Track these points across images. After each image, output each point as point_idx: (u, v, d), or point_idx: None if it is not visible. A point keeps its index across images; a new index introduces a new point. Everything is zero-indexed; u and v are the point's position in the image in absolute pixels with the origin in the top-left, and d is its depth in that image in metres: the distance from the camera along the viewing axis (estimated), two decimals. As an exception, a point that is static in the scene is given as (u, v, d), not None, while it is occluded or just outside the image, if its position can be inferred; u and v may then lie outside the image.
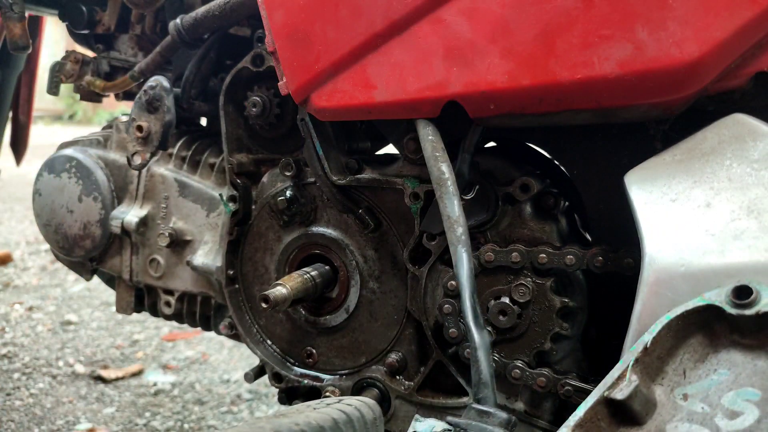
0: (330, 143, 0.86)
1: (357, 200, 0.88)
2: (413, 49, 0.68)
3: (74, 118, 11.48)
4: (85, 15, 1.14)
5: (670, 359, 0.50)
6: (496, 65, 0.63)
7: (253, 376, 1.01)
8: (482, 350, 0.61)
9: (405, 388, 0.88)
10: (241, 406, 1.84)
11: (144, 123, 0.95)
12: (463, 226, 0.66)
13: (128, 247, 1.12)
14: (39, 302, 2.61)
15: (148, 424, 1.71)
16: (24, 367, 2.02)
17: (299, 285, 0.86)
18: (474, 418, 0.58)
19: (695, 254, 0.54)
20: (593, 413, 0.49)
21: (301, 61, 0.75)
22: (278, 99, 0.92)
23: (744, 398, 0.45)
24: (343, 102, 0.73)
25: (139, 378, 1.99)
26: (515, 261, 0.75)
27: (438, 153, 0.70)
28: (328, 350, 0.95)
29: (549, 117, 0.64)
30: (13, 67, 1.52)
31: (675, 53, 0.55)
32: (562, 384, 0.74)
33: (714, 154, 0.58)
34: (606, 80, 0.58)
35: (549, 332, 0.75)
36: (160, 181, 1.09)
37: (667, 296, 0.54)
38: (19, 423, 1.67)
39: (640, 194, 0.59)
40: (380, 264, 0.89)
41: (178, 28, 0.93)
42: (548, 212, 0.80)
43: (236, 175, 0.96)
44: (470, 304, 0.63)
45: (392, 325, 0.89)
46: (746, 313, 0.46)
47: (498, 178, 0.79)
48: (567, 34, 0.59)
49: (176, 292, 1.11)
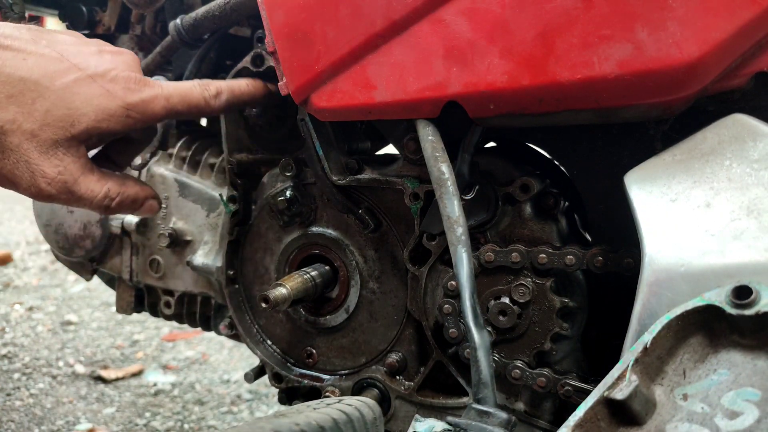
0: (330, 143, 0.86)
1: (357, 200, 0.88)
2: (413, 49, 0.68)
3: (74, 118, 11.43)
4: (85, 15, 1.14)
5: (670, 359, 0.50)
6: (496, 65, 0.63)
7: (253, 376, 1.01)
8: (482, 350, 0.61)
9: (405, 388, 0.88)
10: (241, 407, 1.84)
11: (144, 123, 0.95)
12: (463, 226, 0.66)
13: (128, 248, 1.12)
14: (39, 302, 2.61)
15: (148, 425, 1.71)
16: (24, 367, 2.02)
17: (299, 285, 0.86)
18: (474, 418, 0.58)
19: (695, 254, 0.54)
20: (593, 413, 0.49)
21: (301, 62, 0.75)
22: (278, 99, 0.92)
23: (744, 398, 0.45)
24: (343, 102, 0.73)
25: (139, 378, 1.99)
26: (515, 261, 0.75)
27: (438, 153, 0.70)
28: (328, 350, 0.95)
29: (549, 117, 0.64)
30: (13, 67, 1.52)
31: (675, 53, 0.55)
32: (562, 384, 0.74)
33: (714, 154, 0.58)
34: (606, 80, 0.58)
35: (549, 332, 0.75)
36: (160, 182, 1.09)
37: (667, 296, 0.54)
38: (19, 423, 1.67)
39: (640, 194, 0.60)
40: (380, 264, 0.89)
41: (178, 28, 0.93)
42: (548, 212, 0.80)
43: (236, 175, 0.96)
44: (470, 304, 0.63)
45: (392, 325, 0.89)
46: (746, 313, 0.46)
47: (498, 178, 0.79)
48: (567, 34, 0.59)
49: (176, 292, 1.11)
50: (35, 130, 0.68)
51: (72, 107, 0.69)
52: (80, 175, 0.71)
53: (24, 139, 0.68)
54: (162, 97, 0.74)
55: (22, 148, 0.68)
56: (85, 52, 0.72)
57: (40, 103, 0.68)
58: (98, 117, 0.70)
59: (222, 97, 0.80)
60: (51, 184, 0.70)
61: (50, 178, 0.69)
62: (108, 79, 0.71)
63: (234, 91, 0.82)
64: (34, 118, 0.67)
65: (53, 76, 0.68)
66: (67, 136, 0.69)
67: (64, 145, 0.69)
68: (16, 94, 0.67)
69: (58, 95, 0.68)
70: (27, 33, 0.70)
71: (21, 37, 0.69)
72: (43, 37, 0.71)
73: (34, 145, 0.68)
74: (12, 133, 0.67)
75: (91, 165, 0.73)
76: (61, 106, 0.68)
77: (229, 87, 0.82)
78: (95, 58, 0.72)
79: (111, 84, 0.71)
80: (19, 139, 0.67)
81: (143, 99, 0.72)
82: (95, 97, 0.70)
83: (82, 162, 0.72)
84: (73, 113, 0.69)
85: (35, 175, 0.69)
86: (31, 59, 0.68)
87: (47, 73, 0.68)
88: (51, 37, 0.72)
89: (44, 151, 0.69)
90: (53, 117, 0.68)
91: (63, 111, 0.68)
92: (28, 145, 0.68)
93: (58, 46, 0.71)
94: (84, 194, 0.72)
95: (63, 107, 0.68)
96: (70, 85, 0.69)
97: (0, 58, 0.66)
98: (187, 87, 0.77)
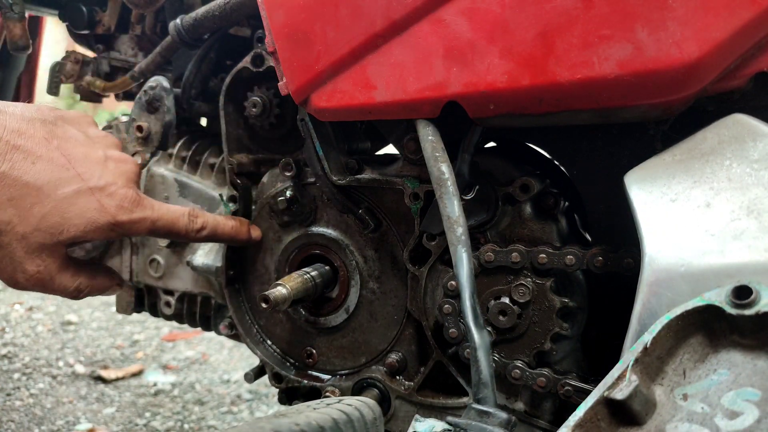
0: (330, 143, 0.86)
1: (357, 200, 0.88)
2: (413, 49, 0.68)
3: (74, 118, 11.43)
4: (85, 15, 1.14)
5: (670, 359, 0.50)
6: (496, 65, 0.63)
7: (253, 376, 1.01)
8: (482, 350, 0.61)
9: (405, 389, 0.88)
10: (241, 407, 1.84)
11: (144, 123, 0.95)
12: (463, 226, 0.66)
13: (128, 248, 1.12)
14: (39, 302, 2.61)
15: (148, 425, 1.72)
16: (24, 367, 2.02)
17: (299, 285, 0.86)
18: (474, 418, 0.58)
19: (695, 254, 0.54)
20: (593, 413, 0.49)
21: (301, 62, 0.75)
22: (278, 99, 0.92)
23: (744, 398, 0.45)
24: (343, 102, 0.73)
25: (139, 378, 1.99)
26: (515, 261, 0.75)
27: (438, 153, 0.70)
28: (328, 350, 0.95)
29: (549, 117, 0.64)
30: (13, 67, 1.52)
31: (675, 53, 0.55)
32: (562, 384, 0.74)
33: (714, 154, 0.58)
34: (606, 80, 0.58)
35: (549, 332, 0.75)
36: (160, 182, 1.09)
37: (667, 296, 0.54)
38: (19, 423, 1.67)
39: (640, 194, 0.60)
40: (380, 264, 0.89)
41: (178, 28, 0.93)
42: (548, 212, 0.80)
43: (236, 175, 0.96)
44: (470, 304, 0.63)
45: (392, 325, 0.89)
46: (746, 313, 0.46)
47: (498, 178, 0.79)
48: (567, 34, 0.59)
49: (176, 292, 1.11)
50: (27, 233, 0.71)
51: (66, 217, 0.73)
52: (57, 273, 0.76)
53: (14, 239, 0.71)
54: (149, 221, 0.79)
55: (11, 247, 0.72)
56: (92, 158, 0.76)
57: (38, 209, 0.71)
58: (86, 229, 0.74)
59: (203, 232, 0.86)
60: (29, 279, 0.74)
61: (29, 274, 0.74)
62: (106, 194, 0.75)
63: (217, 230, 0.88)
64: (28, 222, 0.71)
65: (57, 185, 0.72)
66: (54, 242, 0.73)
67: (48, 248, 0.73)
68: (17, 197, 0.70)
69: (56, 204, 0.72)
70: (41, 130, 0.74)
71: (34, 135, 0.73)
72: (55, 135, 0.75)
73: (22, 246, 0.72)
74: (5, 233, 0.71)
75: (68, 261, 0.77)
76: (56, 215, 0.72)
77: (214, 225, 0.87)
78: (99, 168, 0.76)
79: (107, 199, 0.75)
80: (10, 239, 0.71)
81: (132, 219, 0.77)
82: (89, 210, 0.74)
83: (61, 261, 0.76)
84: (65, 223, 0.73)
85: (16, 270, 0.73)
86: (39, 164, 0.72)
87: (51, 180, 0.72)
88: (63, 134, 0.76)
89: (29, 252, 0.72)
90: (46, 224, 0.72)
91: (57, 219, 0.72)
92: (16, 245, 0.72)
93: (68, 148, 0.75)
94: (56, 288, 0.77)
95: (58, 215, 0.72)
96: (70, 196, 0.73)
97: (10, 160, 0.70)
98: (176, 216, 0.82)
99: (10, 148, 0.70)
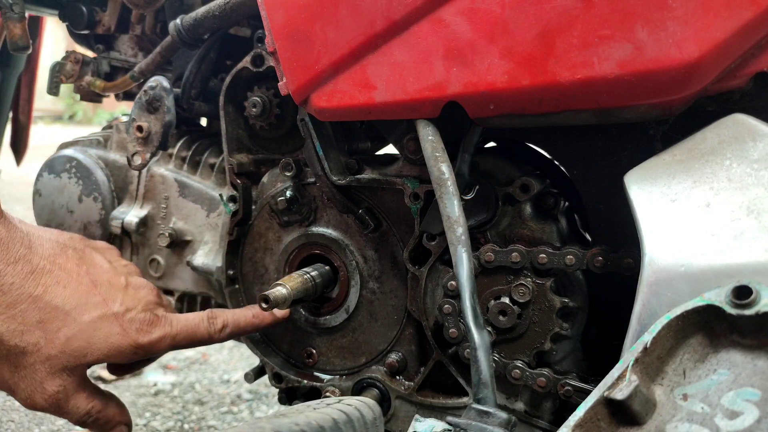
0: (330, 143, 0.86)
1: (357, 200, 0.88)
2: (413, 49, 0.68)
3: (74, 118, 11.49)
4: (85, 15, 1.14)
5: (670, 359, 0.50)
6: (496, 65, 0.63)
7: (253, 376, 1.01)
8: (482, 350, 0.61)
9: (405, 389, 0.88)
10: (241, 407, 1.84)
11: (144, 123, 0.95)
12: (463, 226, 0.66)
13: (128, 248, 1.12)
14: (39, 302, 2.60)
15: (148, 424, 1.71)
16: (24, 367, 2.02)
17: (299, 285, 0.86)
18: (474, 418, 0.58)
19: (695, 254, 0.54)
20: (593, 413, 0.49)
21: (301, 62, 0.75)
22: (278, 99, 0.92)
23: (744, 398, 0.45)
24: (343, 102, 0.73)
25: (139, 378, 1.99)
26: (515, 261, 0.75)
27: (438, 153, 0.70)
28: (328, 350, 0.95)
29: (549, 117, 0.64)
30: (13, 67, 1.52)
31: (675, 53, 0.55)
32: (562, 384, 0.74)
33: (714, 154, 0.58)
34: (606, 80, 0.58)
35: (549, 332, 0.75)
36: (160, 182, 1.09)
37: (667, 296, 0.54)
38: (19, 423, 1.67)
39: (639, 194, 0.60)
40: (380, 264, 0.89)
41: (178, 28, 0.93)
42: (548, 212, 0.80)
43: (236, 175, 0.96)
44: (470, 304, 0.63)
45: (392, 325, 0.89)
46: (746, 313, 0.46)
47: (498, 178, 0.79)
48: (566, 35, 0.59)
49: (176, 292, 1.11)
50: (52, 355, 0.74)
51: (90, 342, 0.76)
52: (74, 394, 0.78)
53: (39, 360, 0.74)
54: (169, 337, 0.82)
55: (34, 367, 0.74)
56: (115, 285, 0.81)
57: (64, 332, 0.74)
58: (109, 353, 0.77)
59: (226, 330, 0.87)
60: (47, 399, 0.76)
61: (48, 395, 0.76)
62: (127, 319, 0.79)
63: (240, 323, 0.89)
64: (54, 345, 0.74)
65: (83, 309, 0.76)
66: (77, 364, 0.76)
67: (70, 369, 0.76)
68: (46, 320, 0.73)
69: (82, 328, 0.75)
70: (72, 256, 0.79)
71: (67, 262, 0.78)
72: (84, 261, 0.80)
73: (45, 367, 0.75)
74: (30, 354, 0.73)
75: (85, 382, 0.80)
76: (81, 339, 0.75)
77: (234, 320, 0.88)
78: (121, 295, 0.80)
79: (128, 324, 0.79)
80: (34, 360, 0.74)
81: (152, 341, 0.80)
82: (112, 335, 0.77)
83: (79, 380, 0.78)
84: (89, 347, 0.76)
85: (36, 390, 0.76)
86: (70, 288, 0.76)
87: (79, 305, 0.75)
88: (91, 261, 0.81)
89: (52, 373, 0.75)
90: (71, 347, 0.75)
91: (82, 343, 0.75)
92: (40, 366, 0.74)
93: (95, 274, 0.80)
94: (70, 410, 0.79)
95: (83, 339, 0.75)
96: (95, 320, 0.76)
97: (44, 284, 0.74)
98: (194, 324, 0.84)
99: (45, 272, 0.74)
